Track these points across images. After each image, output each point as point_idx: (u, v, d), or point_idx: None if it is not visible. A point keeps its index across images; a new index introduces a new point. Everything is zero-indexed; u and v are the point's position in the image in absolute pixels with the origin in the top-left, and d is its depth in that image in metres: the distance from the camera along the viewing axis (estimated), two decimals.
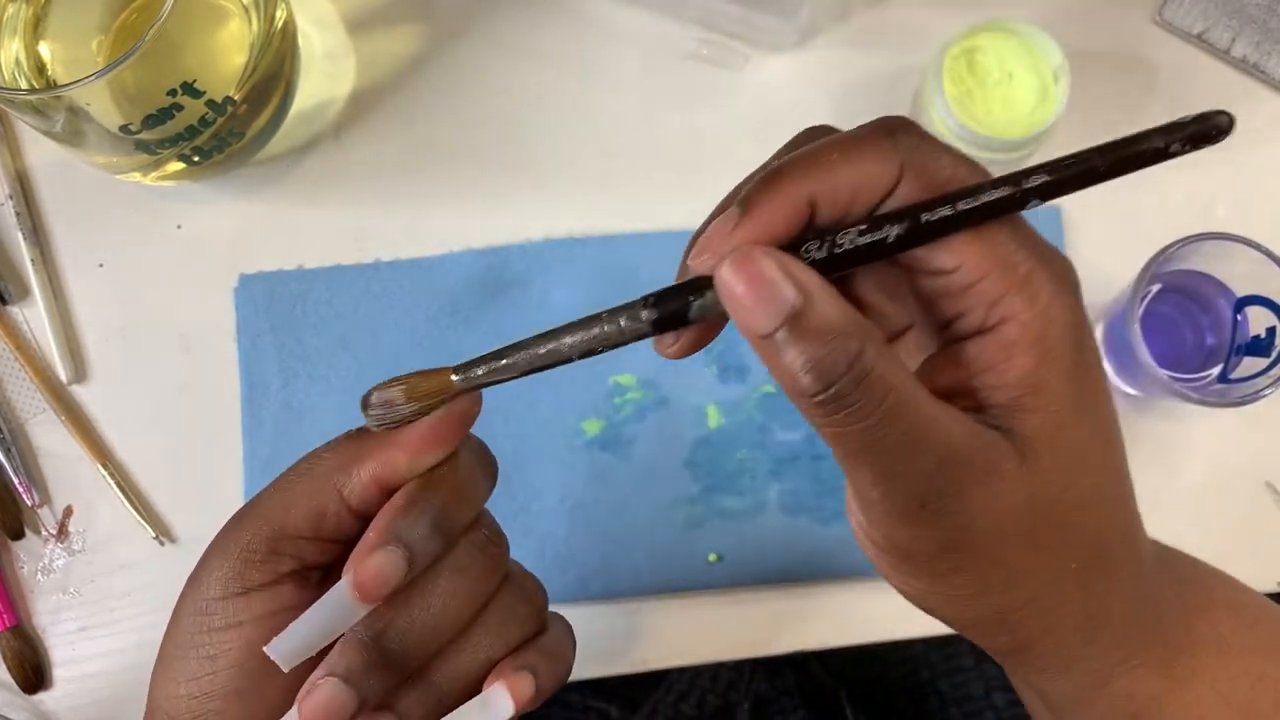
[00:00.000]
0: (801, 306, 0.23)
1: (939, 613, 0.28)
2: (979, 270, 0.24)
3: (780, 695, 0.61)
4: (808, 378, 0.23)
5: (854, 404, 0.23)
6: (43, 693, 0.49)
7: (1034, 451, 0.25)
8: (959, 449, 0.24)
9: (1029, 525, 0.25)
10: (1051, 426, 0.25)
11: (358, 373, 0.51)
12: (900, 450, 0.24)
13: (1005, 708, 0.57)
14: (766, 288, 0.23)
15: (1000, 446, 0.24)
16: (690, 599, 0.49)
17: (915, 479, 0.24)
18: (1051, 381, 0.24)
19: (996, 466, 0.24)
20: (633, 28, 0.54)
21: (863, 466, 0.24)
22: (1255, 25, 0.51)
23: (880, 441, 0.23)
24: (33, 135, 0.53)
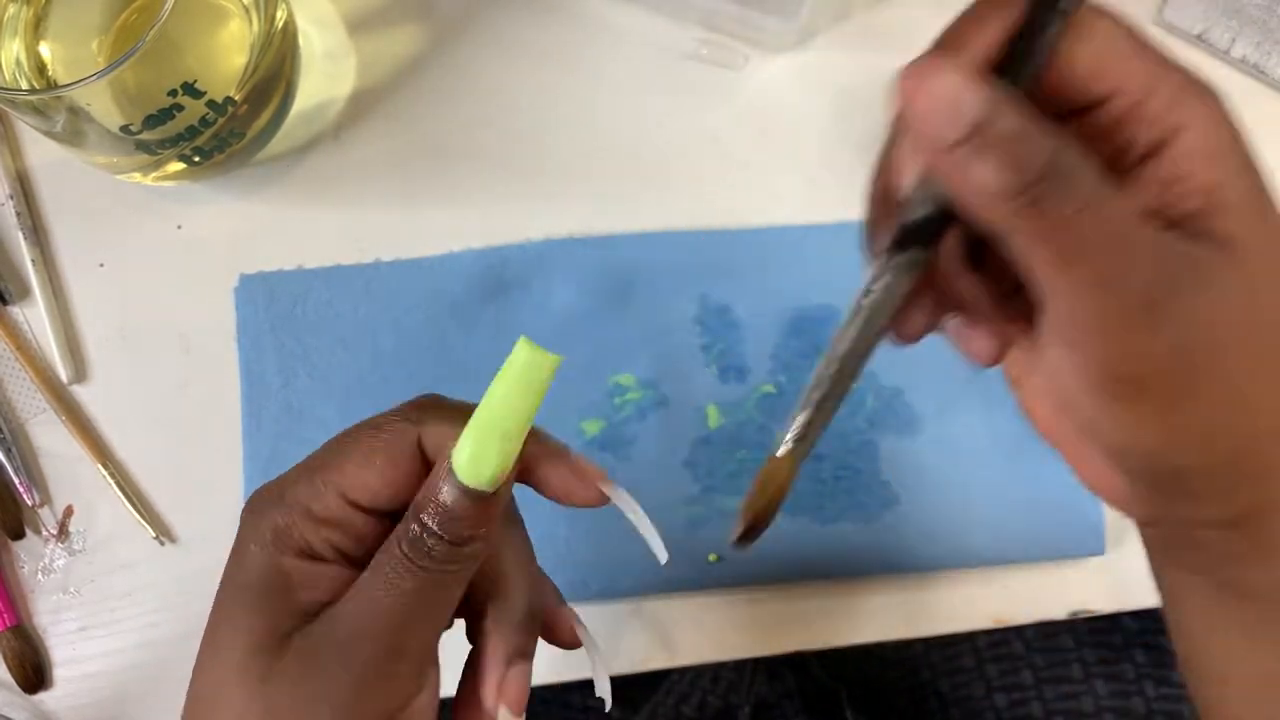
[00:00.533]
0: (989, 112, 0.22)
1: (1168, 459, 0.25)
2: (1142, 87, 0.24)
3: (781, 699, 0.61)
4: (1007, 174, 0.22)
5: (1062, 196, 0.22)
6: (43, 693, 0.49)
7: (1241, 250, 0.24)
8: (1172, 248, 0.23)
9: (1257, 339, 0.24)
10: (1248, 228, 0.24)
11: (358, 373, 0.51)
12: (1115, 247, 0.22)
13: (1006, 709, 0.57)
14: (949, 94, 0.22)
15: (1205, 251, 0.24)
16: (690, 599, 0.49)
17: (1134, 279, 0.23)
18: (1237, 179, 0.24)
19: (1210, 269, 0.23)
20: (633, 28, 0.54)
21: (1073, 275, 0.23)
22: (1255, 26, 0.51)
23: (1092, 238, 0.22)
24: (33, 135, 0.53)
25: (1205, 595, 0.29)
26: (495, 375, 0.28)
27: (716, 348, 0.51)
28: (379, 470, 0.29)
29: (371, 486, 0.29)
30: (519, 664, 0.30)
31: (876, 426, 0.49)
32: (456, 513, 0.28)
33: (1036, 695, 0.56)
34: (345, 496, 0.29)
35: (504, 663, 0.30)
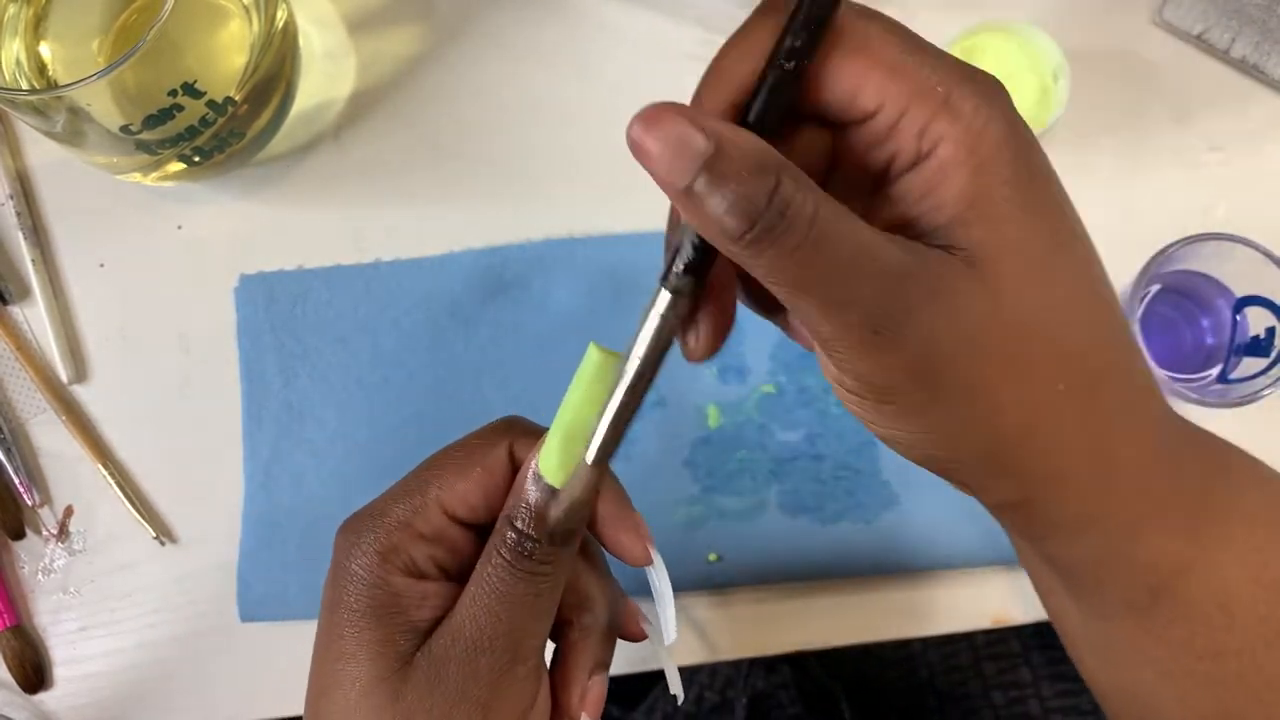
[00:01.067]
0: (714, 151, 0.22)
1: (932, 459, 0.27)
2: (899, 103, 0.24)
3: (777, 690, 0.61)
4: (731, 219, 0.23)
5: (780, 235, 0.23)
6: (43, 693, 0.49)
7: (983, 261, 0.24)
8: (900, 267, 0.23)
9: (1000, 343, 0.24)
10: (998, 234, 0.24)
11: (358, 373, 0.51)
12: (838, 276, 0.23)
13: (1003, 706, 0.57)
14: (676, 140, 0.23)
15: (946, 262, 0.24)
16: (690, 599, 0.49)
17: (861, 304, 0.23)
18: (991, 190, 0.24)
19: (945, 281, 0.24)
20: (632, 28, 0.54)
21: (806, 301, 0.24)
22: (1255, 26, 0.51)
23: (815, 269, 0.23)
24: (33, 135, 0.53)
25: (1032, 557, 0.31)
26: (567, 380, 0.29)
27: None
28: (477, 482, 0.31)
29: (470, 500, 0.31)
30: (599, 674, 0.32)
31: None
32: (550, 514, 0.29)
33: (1034, 693, 0.57)
34: (446, 511, 0.31)
35: (587, 673, 0.32)
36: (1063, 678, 0.57)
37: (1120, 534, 0.27)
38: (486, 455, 0.31)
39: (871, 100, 0.25)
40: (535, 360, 0.51)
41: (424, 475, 0.31)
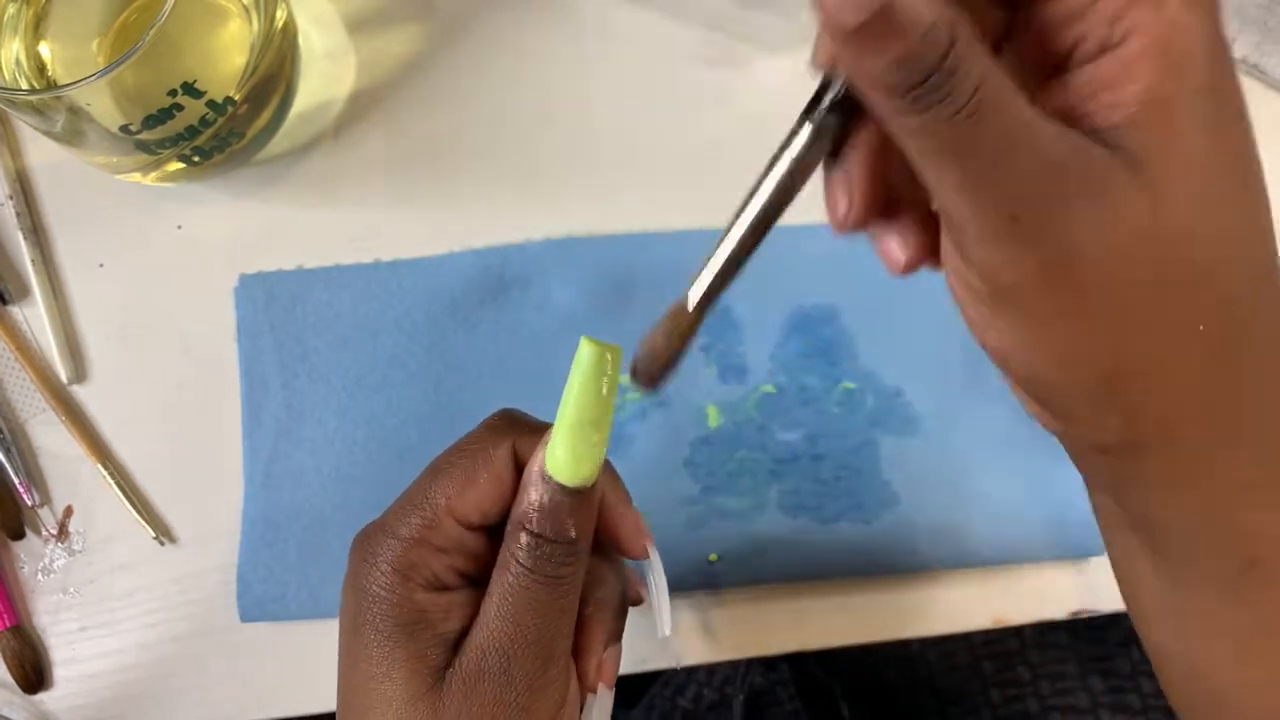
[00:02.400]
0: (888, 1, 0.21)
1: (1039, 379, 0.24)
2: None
3: (775, 688, 0.61)
4: (898, 73, 0.21)
5: (942, 95, 0.21)
6: (43, 693, 0.49)
7: (1153, 171, 0.22)
8: (1059, 155, 0.22)
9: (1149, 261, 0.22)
10: (1174, 145, 0.22)
11: (358, 373, 0.51)
12: (990, 150, 0.21)
13: (1002, 705, 0.57)
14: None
15: (1112, 161, 0.22)
16: (690, 599, 0.49)
17: (1007, 185, 0.22)
18: (1177, 96, 0.22)
19: (1106, 181, 0.22)
20: (633, 28, 0.54)
21: (949, 173, 0.22)
22: (1255, 26, 0.52)
23: (968, 138, 0.21)
24: (33, 135, 0.53)
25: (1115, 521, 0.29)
26: (566, 380, 0.29)
27: (716, 348, 0.51)
28: (486, 488, 0.31)
29: (482, 505, 0.31)
30: (614, 645, 0.33)
31: (876, 426, 0.49)
32: (562, 513, 0.30)
33: (1033, 691, 0.57)
34: (459, 520, 0.30)
35: (603, 645, 0.32)
36: (1061, 676, 0.57)
37: (1225, 498, 0.25)
38: (491, 459, 0.31)
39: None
40: (535, 360, 0.51)
41: (432, 485, 0.31)
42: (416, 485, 0.32)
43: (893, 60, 0.21)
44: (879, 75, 0.21)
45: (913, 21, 0.21)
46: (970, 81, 0.21)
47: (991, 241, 0.22)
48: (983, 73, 0.21)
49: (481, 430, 0.32)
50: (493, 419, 0.33)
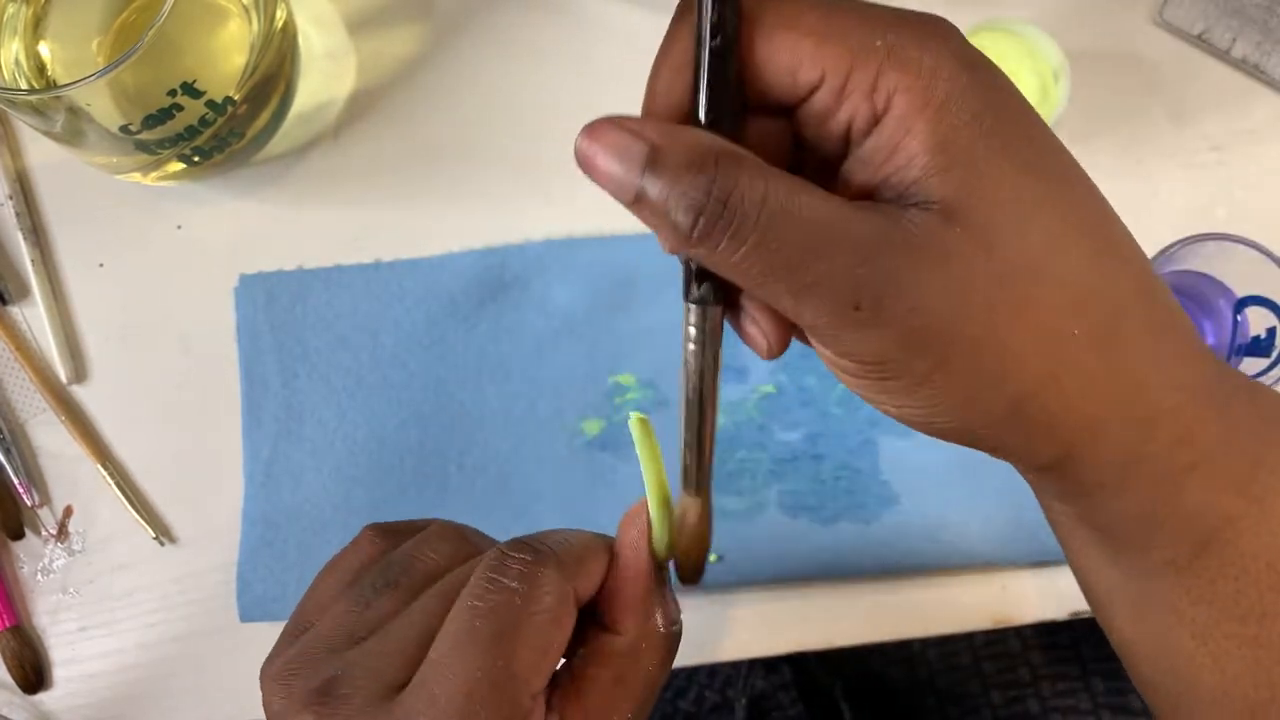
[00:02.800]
0: (652, 153, 0.22)
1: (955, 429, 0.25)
2: (841, 66, 0.23)
3: (777, 691, 0.61)
4: (679, 217, 0.22)
5: (728, 225, 0.22)
6: (43, 693, 0.49)
7: (965, 210, 0.22)
8: (872, 234, 0.22)
9: (998, 293, 0.23)
10: (975, 177, 0.23)
11: (358, 373, 0.51)
12: (802, 256, 0.22)
13: (1002, 705, 0.57)
14: (616, 150, 0.23)
15: (923, 218, 0.22)
16: (690, 599, 0.49)
17: (834, 281, 0.22)
18: (958, 131, 0.22)
19: (925, 239, 0.22)
20: (633, 27, 0.54)
21: (775, 290, 0.23)
22: (1256, 25, 0.51)
23: (777, 254, 0.22)
24: (33, 135, 0.53)
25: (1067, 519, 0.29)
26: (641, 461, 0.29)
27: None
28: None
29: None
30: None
31: (876, 426, 0.49)
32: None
33: (1033, 692, 0.57)
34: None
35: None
36: (1062, 677, 0.57)
37: (1164, 484, 0.25)
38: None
39: (812, 72, 0.23)
40: (535, 360, 0.51)
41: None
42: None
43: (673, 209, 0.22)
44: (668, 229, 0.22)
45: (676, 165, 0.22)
46: (752, 199, 0.22)
47: (845, 332, 0.23)
48: (764, 186, 0.22)
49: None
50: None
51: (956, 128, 0.23)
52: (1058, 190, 0.24)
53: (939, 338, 0.23)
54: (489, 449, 0.50)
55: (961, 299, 0.23)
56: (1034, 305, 0.23)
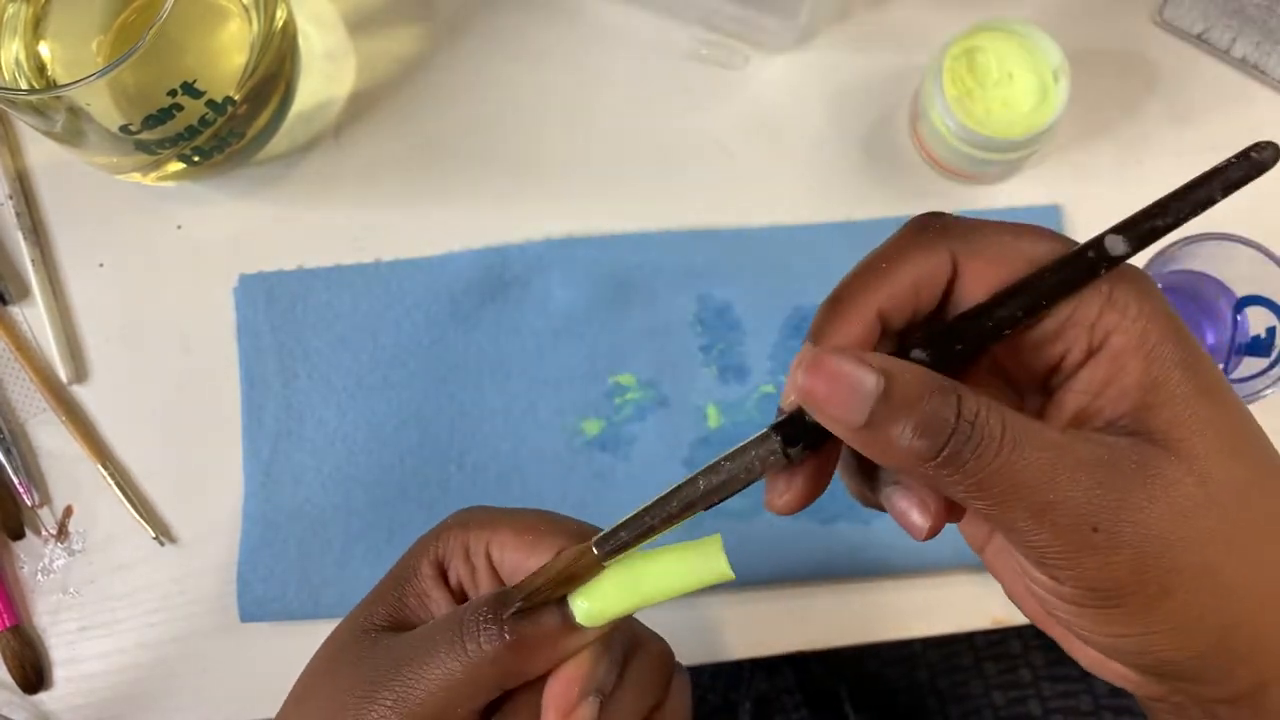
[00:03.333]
0: (885, 385, 0.23)
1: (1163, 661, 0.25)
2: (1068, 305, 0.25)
3: (781, 694, 0.61)
4: (923, 441, 0.23)
5: (975, 448, 0.23)
6: (43, 693, 0.49)
7: (1178, 443, 0.24)
8: (1101, 458, 0.24)
9: (1217, 521, 0.24)
10: (1186, 415, 0.24)
11: (358, 373, 0.51)
12: (1044, 479, 0.23)
13: (1004, 706, 0.57)
14: (845, 380, 0.24)
15: (1142, 447, 0.24)
16: (690, 599, 0.49)
17: (1073, 502, 0.23)
18: (1169, 375, 0.25)
19: (1150, 464, 0.24)
20: (633, 28, 0.54)
21: (1014, 511, 0.24)
22: (1256, 25, 0.51)
23: (1022, 476, 0.23)
24: (33, 135, 0.53)
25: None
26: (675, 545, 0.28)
27: (716, 348, 0.51)
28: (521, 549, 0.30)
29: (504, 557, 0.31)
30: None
31: None
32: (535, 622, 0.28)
33: (1034, 693, 0.57)
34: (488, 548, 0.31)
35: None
36: (1063, 679, 0.57)
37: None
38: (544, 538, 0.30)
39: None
40: (535, 360, 0.51)
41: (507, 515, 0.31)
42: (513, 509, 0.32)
43: (913, 433, 0.23)
44: (908, 453, 0.23)
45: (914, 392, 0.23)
46: (996, 421, 0.23)
47: (1078, 554, 0.24)
48: (1001, 411, 0.24)
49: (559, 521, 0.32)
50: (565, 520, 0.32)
51: (1167, 371, 0.25)
52: (1248, 427, 0.26)
53: (1166, 565, 0.24)
54: (489, 449, 0.50)
55: (1186, 526, 0.24)
56: (1244, 534, 0.25)
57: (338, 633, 0.31)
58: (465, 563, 0.31)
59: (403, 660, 0.28)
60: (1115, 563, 0.24)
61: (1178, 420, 0.24)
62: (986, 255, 0.26)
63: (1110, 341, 0.25)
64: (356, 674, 0.29)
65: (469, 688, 0.28)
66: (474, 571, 0.31)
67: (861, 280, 0.26)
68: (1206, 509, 0.24)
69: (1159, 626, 0.25)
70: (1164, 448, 0.24)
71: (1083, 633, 0.26)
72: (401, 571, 0.31)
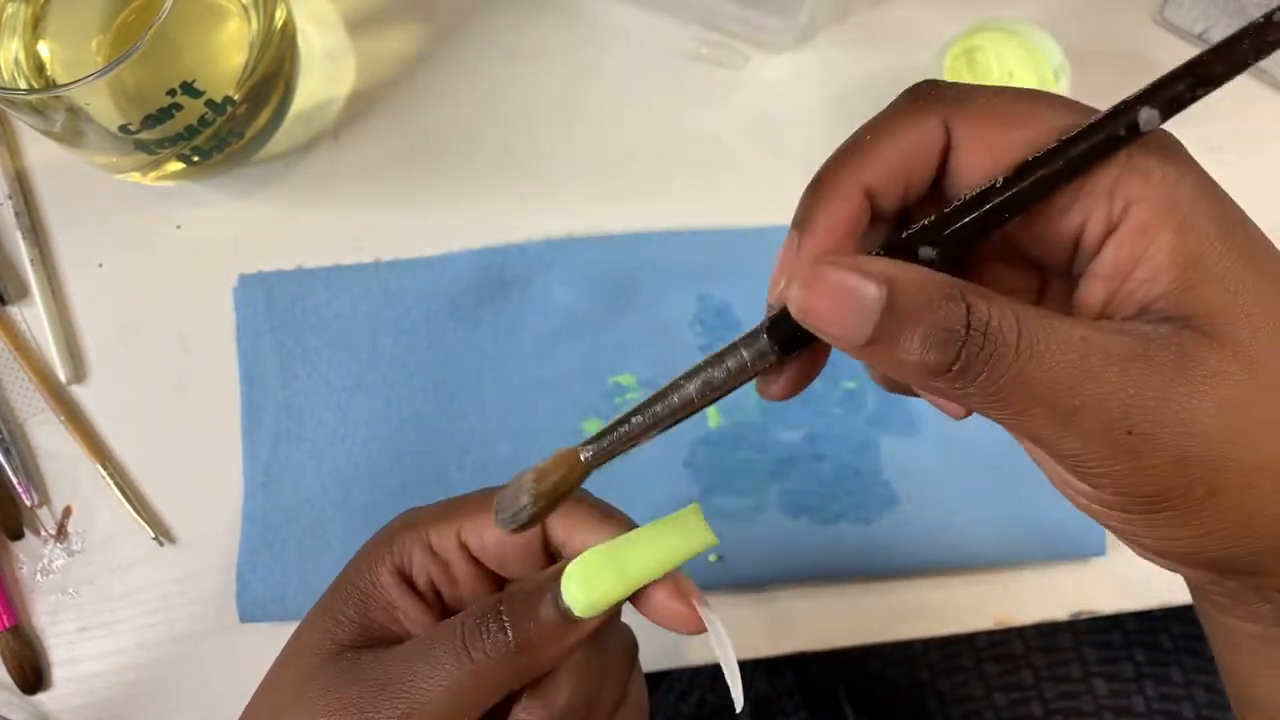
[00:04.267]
0: (889, 295, 0.21)
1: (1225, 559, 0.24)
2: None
3: (781, 695, 0.61)
4: (933, 355, 0.21)
5: (989, 356, 0.21)
6: (42, 693, 0.49)
7: (1222, 326, 0.22)
8: (1134, 352, 0.21)
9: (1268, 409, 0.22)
10: (1229, 293, 0.22)
11: (358, 373, 0.51)
12: (1068, 382, 0.21)
13: (1005, 708, 0.57)
14: (846, 295, 0.22)
15: (1181, 335, 0.22)
16: None
17: (1103, 405, 0.21)
18: (1207, 247, 0.22)
19: (1190, 357, 0.21)
20: (633, 27, 0.54)
21: (1039, 420, 0.22)
22: None
23: (1040, 382, 0.21)
24: (32, 135, 0.53)
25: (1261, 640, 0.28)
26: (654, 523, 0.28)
27: (716, 348, 0.50)
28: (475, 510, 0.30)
29: (484, 538, 0.30)
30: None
31: (877, 426, 0.49)
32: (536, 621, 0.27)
33: (1036, 694, 0.56)
34: (460, 537, 0.30)
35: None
36: (1065, 679, 0.57)
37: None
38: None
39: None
40: (535, 360, 0.51)
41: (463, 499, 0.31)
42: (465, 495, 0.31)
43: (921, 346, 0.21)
44: (917, 367, 0.21)
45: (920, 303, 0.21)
46: (1010, 327, 0.21)
47: (1114, 460, 0.22)
48: (1015, 314, 0.21)
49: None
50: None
51: (1204, 243, 0.22)
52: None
53: (1215, 462, 0.22)
54: (489, 449, 0.50)
55: (1233, 420, 0.22)
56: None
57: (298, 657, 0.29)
58: (434, 560, 0.30)
59: (399, 676, 0.27)
60: (1156, 465, 0.22)
61: (1221, 299, 0.22)
62: (987, 119, 0.23)
63: (1131, 213, 0.22)
64: (341, 695, 0.27)
65: (476, 695, 0.27)
66: (447, 565, 0.30)
67: (844, 157, 0.24)
68: (1256, 398, 0.22)
69: (1212, 527, 0.23)
70: (1205, 333, 0.22)
71: (1130, 538, 0.24)
72: (355, 587, 0.30)
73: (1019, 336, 0.21)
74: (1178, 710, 0.54)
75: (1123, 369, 0.21)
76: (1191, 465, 0.22)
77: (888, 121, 0.24)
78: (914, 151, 0.24)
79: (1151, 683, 0.55)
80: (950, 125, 0.24)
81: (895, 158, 0.24)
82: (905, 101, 0.24)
